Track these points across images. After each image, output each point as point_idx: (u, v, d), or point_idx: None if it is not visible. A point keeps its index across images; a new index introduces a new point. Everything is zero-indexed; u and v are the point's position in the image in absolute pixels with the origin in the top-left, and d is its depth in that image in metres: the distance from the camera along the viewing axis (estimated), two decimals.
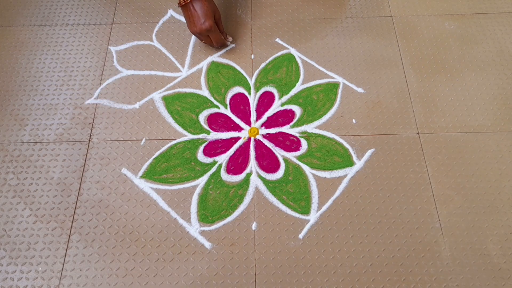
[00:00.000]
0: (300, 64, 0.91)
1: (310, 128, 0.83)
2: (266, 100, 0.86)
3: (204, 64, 0.92)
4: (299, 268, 0.70)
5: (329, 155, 0.79)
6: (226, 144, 0.81)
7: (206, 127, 0.83)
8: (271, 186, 0.77)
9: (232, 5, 1.01)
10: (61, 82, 0.90)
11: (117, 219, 0.74)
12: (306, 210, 0.74)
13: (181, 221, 0.74)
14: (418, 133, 0.82)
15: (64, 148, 0.82)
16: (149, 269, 0.70)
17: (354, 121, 0.83)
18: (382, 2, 1.00)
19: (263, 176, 0.78)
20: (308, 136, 0.82)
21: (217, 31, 0.86)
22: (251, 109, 0.85)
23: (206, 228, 0.73)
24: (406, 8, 0.99)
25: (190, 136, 0.82)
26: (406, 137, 0.81)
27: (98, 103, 0.87)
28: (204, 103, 0.86)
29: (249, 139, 0.82)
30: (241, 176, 0.78)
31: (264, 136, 0.82)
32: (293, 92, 0.87)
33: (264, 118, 0.84)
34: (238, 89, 0.88)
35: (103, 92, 0.89)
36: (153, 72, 0.91)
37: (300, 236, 0.72)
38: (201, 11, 0.82)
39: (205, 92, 0.88)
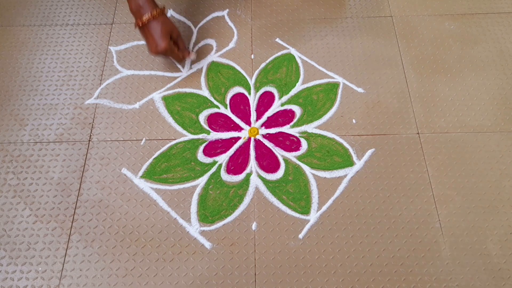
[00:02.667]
0: (300, 64, 0.91)
1: (310, 128, 0.83)
2: (266, 100, 0.86)
3: (204, 64, 0.92)
4: (299, 268, 0.70)
5: (329, 155, 0.79)
6: (226, 144, 0.81)
7: (206, 127, 0.83)
8: (271, 186, 0.77)
9: (232, 5, 1.01)
10: (61, 82, 0.90)
11: (117, 219, 0.74)
12: (306, 210, 0.74)
13: (181, 221, 0.74)
14: (418, 133, 0.82)
15: (64, 148, 0.82)
16: (149, 269, 0.70)
17: (354, 121, 0.83)
18: (382, 2, 1.00)
19: (263, 176, 0.78)
20: (308, 136, 0.82)
21: (174, 51, 0.83)
22: (251, 109, 0.85)
23: (206, 228, 0.73)
24: (406, 8, 0.99)
25: (190, 136, 0.82)
26: (406, 137, 0.81)
27: (98, 103, 0.87)
28: (204, 103, 0.86)
29: (249, 139, 0.82)
30: (241, 176, 0.78)
31: (264, 136, 0.82)
32: (293, 92, 0.87)
33: (264, 118, 0.84)
34: (238, 89, 0.88)
35: (103, 92, 0.89)
36: (153, 72, 0.91)
37: (300, 236, 0.72)
38: (156, 33, 0.79)
39: (205, 92, 0.88)
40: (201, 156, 0.80)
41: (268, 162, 0.79)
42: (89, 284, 0.69)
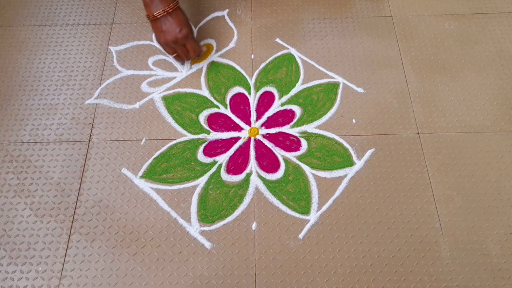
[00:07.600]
0: (300, 64, 0.91)
1: (310, 128, 0.83)
2: (266, 100, 0.86)
3: (204, 64, 0.92)
4: (299, 268, 0.70)
5: (329, 155, 0.79)
6: (226, 144, 0.81)
7: (206, 127, 0.83)
8: (271, 186, 0.77)
9: (232, 5, 1.01)
10: (61, 82, 0.90)
11: (117, 219, 0.74)
12: (306, 210, 0.74)
13: (181, 221, 0.74)
14: (418, 133, 0.82)
15: (64, 148, 0.82)
16: (149, 269, 0.70)
17: (354, 121, 0.83)
18: (382, 2, 1.00)
19: (263, 176, 0.78)
20: (308, 136, 0.82)
21: (194, 38, 0.84)
22: (251, 109, 0.85)
23: (206, 228, 0.73)
24: (406, 8, 0.99)
25: (190, 136, 0.82)
26: (406, 137, 0.81)
27: (98, 103, 0.87)
28: (204, 103, 0.86)
29: (249, 139, 0.82)
30: (241, 176, 0.78)
31: (264, 136, 0.82)
32: (293, 92, 0.87)
33: (264, 118, 0.84)
34: (238, 89, 0.88)
35: (103, 92, 0.89)
36: (153, 72, 0.91)
37: (300, 236, 0.72)
38: (177, 20, 0.80)
39: (205, 92, 0.88)
40: (201, 156, 0.80)
41: (268, 162, 0.79)
42: (89, 284, 0.69)
